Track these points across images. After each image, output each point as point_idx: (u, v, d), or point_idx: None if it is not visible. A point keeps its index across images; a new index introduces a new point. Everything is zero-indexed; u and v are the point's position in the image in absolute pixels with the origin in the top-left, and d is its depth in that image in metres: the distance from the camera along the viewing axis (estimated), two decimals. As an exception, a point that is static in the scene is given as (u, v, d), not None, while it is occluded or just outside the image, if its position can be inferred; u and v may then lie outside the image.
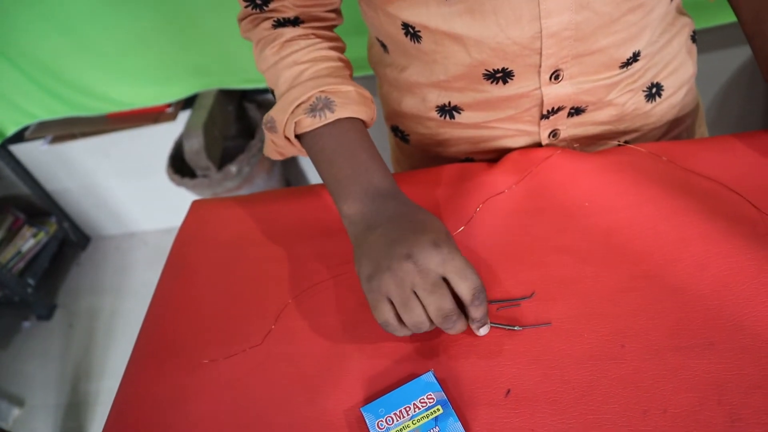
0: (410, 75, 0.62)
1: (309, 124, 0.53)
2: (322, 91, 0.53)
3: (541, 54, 0.54)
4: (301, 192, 0.68)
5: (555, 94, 0.58)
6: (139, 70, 1.60)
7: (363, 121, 0.56)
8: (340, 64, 0.57)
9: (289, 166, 1.95)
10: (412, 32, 0.56)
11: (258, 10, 0.57)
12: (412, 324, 0.45)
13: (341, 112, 0.53)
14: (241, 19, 0.60)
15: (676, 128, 0.69)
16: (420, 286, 0.44)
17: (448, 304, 0.44)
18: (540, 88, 0.57)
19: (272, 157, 0.61)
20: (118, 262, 2.13)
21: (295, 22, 0.57)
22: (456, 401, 0.45)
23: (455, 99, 0.62)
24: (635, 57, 0.57)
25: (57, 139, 1.83)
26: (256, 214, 0.66)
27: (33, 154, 1.89)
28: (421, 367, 0.47)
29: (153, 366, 0.53)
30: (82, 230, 2.21)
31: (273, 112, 0.56)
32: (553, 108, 0.60)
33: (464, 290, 0.44)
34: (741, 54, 1.45)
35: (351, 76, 0.59)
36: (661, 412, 0.41)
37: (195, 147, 1.50)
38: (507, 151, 0.64)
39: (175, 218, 0.77)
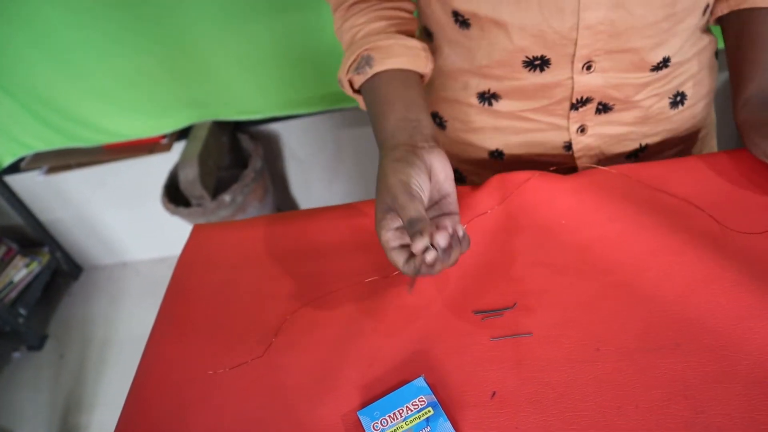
0: (454, 62, 0.68)
1: (358, 81, 0.62)
2: (366, 50, 0.61)
3: (576, 44, 0.59)
4: (296, 216, 0.72)
5: (585, 82, 0.63)
6: (136, 102, 1.65)
7: (408, 70, 0.62)
8: (392, 21, 0.63)
9: (281, 194, 1.99)
10: (461, 20, 0.62)
11: None
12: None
13: (378, 67, 0.60)
14: None
15: (690, 139, 0.74)
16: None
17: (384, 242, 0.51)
18: (572, 77, 0.62)
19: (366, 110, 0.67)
20: (111, 292, 2.14)
21: None
22: (445, 403, 0.48)
23: (494, 86, 0.67)
24: (665, 62, 0.62)
25: (53, 169, 1.86)
26: (254, 237, 0.70)
27: (28, 184, 1.91)
28: (412, 373, 0.51)
29: (159, 378, 0.56)
30: (75, 260, 2.23)
31: (339, 72, 0.64)
32: (582, 98, 0.64)
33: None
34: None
35: (410, 31, 0.64)
36: (634, 407, 0.45)
37: (190, 176, 1.54)
38: (536, 147, 0.70)
39: (168, 248, 0.79)
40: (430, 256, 0.47)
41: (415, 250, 0.47)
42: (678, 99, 0.68)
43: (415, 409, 0.48)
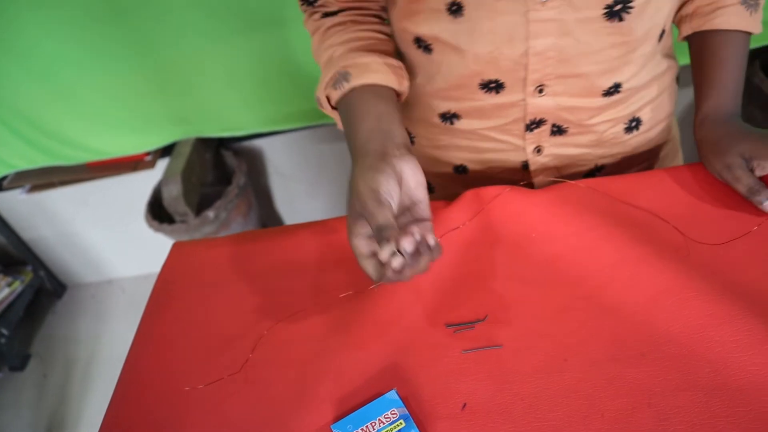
0: (417, 83, 0.70)
1: (335, 96, 0.62)
2: (343, 66, 0.62)
3: (527, 69, 0.61)
4: (275, 232, 0.73)
5: (537, 104, 0.65)
6: (119, 120, 1.65)
7: (384, 86, 0.62)
8: (370, 41, 0.65)
9: (265, 210, 2.00)
10: (424, 45, 0.64)
11: (310, 6, 0.67)
12: None
13: (355, 82, 0.61)
14: (304, 13, 0.70)
15: (649, 159, 0.76)
16: None
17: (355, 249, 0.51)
18: (525, 99, 0.64)
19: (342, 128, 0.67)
20: (95, 310, 2.12)
21: (336, 13, 0.66)
22: (417, 415, 0.49)
23: (454, 107, 0.69)
24: (616, 88, 0.64)
25: (35, 187, 1.85)
26: (233, 254, 0.71)
27: (11, 203, 1.90)
28: (385, 386, 0.52)
29: (137, 394, 0.57)
30: (59, 278, 2.21)
31: (317, 90, 0.65)
32: (535, 119, 0.67)
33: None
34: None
35: (388, 52, 0.65)
36: (600, 416, 0.46)
37: (173, 193, 1.54)
38: (496, 164, 0.72)
39: (153, 264, 0.80)
40: (397, 262, 0.47)
41: (382, 257, 0.47)
42: (633, 124, 0.70)
43: (387, 421, 0.48)
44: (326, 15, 0.66)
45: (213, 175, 1.80)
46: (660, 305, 0.52)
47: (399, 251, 0.47)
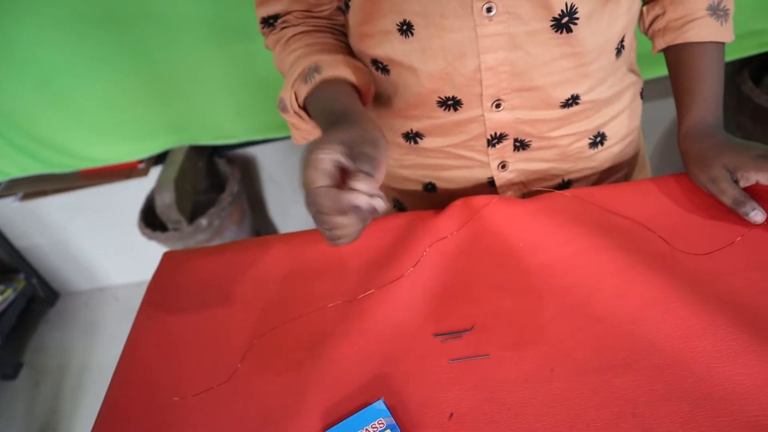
0: (378, 105, 0.70)
1: (305, 91, 0.61)
2: (313, 62, 0.61)
3: (482, 84, 0.62)
4: (266, 241, 0.73)
5: (496, 119, 0.65)
6: (113, 128, 1.65)
7: (354, 84, 0.62)
8: (333, 46, 0.65)
9: (258, 217, 2.00)
10: (381, 66, 0.64)
11: (270, 27, 0.68)
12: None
13: (327, 73, 0.60)
14: (265, 35, 0.70)
15: (617, 173, 0.77)
16: None
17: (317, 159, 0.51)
18: (483, 114, 0.65)
19: (298, 142, 0.67)
20: (88, 318, 2.12)
21: (297, 25, 0.66)
22: (404, 425, 0.49)
23: (416, 126, 0.69)
24: (574, 100, 0.64)
25: (28, 195, 1.85)
26: (223, 263, 0.71)
27: (3, 211, 1.90)
28: (372, 396, 0.52)
29: (126, 404, 0.57)
30: (51, 286, 2.20)
31: (281, 93, 0.64)
32: (496, 134, 0.67)
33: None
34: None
35: (350, 55, 0.66)
36: (585, 426, 0.46)
37: (166, 201, 1.54)
38: (464, 181, 0.72)
39: (146, 272, 0.79)
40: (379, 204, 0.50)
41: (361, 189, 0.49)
42: (598, 140, 0.70)
43: (374, 431, 0.49)
44: (285, 27, 0.66)
45: (206, 183, 1.80)
46: (646, 315, 0.53)
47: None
